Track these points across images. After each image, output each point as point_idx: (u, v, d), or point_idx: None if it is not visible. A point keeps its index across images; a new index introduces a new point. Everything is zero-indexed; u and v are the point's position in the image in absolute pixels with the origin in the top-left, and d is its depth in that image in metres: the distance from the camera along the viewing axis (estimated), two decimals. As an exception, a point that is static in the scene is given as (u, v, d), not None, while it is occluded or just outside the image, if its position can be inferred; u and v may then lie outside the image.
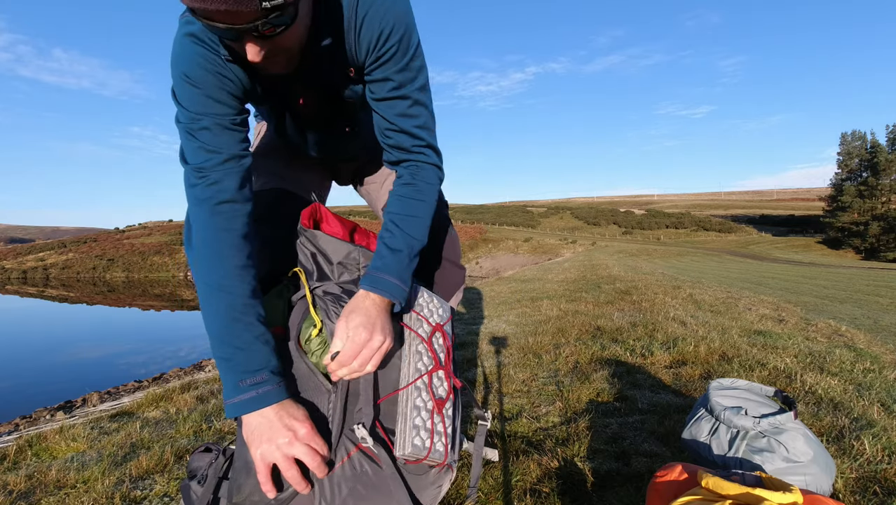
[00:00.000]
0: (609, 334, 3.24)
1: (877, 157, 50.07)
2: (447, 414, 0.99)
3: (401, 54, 0.98)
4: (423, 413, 0.93)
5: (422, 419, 0.92)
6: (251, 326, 0.89)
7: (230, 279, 0.90)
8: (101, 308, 19.64)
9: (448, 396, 1.00)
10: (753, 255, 34.78)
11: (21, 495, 1.34)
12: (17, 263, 40.55)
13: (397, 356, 0.98)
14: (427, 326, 1.02)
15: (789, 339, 2.99)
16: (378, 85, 1.01)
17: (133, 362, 8.09)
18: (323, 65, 1.00)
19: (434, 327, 1.03)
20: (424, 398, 0.94)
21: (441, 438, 0.94)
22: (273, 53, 0.86)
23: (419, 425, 0.91)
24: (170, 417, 2.03)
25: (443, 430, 0.95)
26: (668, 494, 0.82)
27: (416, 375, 0.94)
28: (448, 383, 1.01)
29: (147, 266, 39.27)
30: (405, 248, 1.00)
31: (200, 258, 0.92)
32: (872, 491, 1.13)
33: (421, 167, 1.08)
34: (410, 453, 0.88)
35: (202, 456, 0.98)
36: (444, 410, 0.97)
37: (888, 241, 45.66)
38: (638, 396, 1.94)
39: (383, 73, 0.99)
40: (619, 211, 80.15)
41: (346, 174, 1.46)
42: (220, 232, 0.91)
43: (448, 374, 1.02)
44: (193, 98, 0.92)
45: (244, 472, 0.86)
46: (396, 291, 0.96)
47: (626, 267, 11.78)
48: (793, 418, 1.11)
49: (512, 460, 1.40)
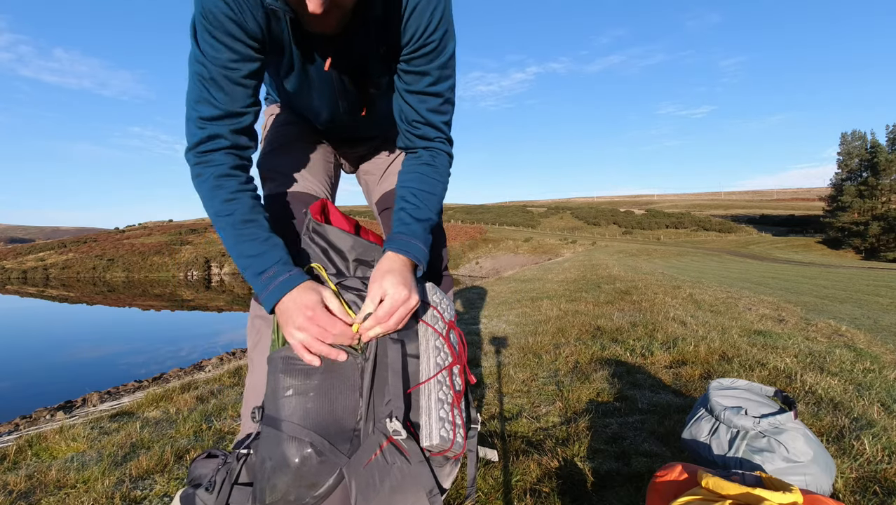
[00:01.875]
0: (609, 334, 3.24)
1: (877, 157, 50.07)
2: (462, 407, 1.02)
3: (440, 50, 1.02)
4: (446, 406, 0.95)
5: (445, 411, 0.94)
6: (255, 236, 0.95)
7: (227, 204, 0.96)
8: (101, 308, 19.65)
9: (463, 389, 1.03)
10: (753, 255, 34.77)
11: (21, 495, 1.34)
12: (17, 263, 40.56)
13: (414, 350, 0.99)
14: (442, 323, 1.03)
15: (789, 339, 2.99)
16: (414, 77, 1.05)
17: (133, 362, 8.10)
18: (363, 35, 1.02)
19: (448, 324, 1.05)
20: (446, 391, 0.97)
21: (459, 429, 0.97)
22: (332, 6, 0.88)
23: (443, 417, 0.93)
24: (170, 417, 2.03)
25: (461, 422, 0.98)
26: (668, 494, 0.82)
27: (436, 369, 0.96)
28: (462, 378, 1.04)
29: (147, 266, 39.28)
30: (426, 219, 1.06)
31: (201, 195, 0.99)
32: (872, 491, 1.13)
33: (439, 154, 1.14)
34: (437, 445, 0.90)
35: (206, 463, 0.97)
36: (460, 403, 1.00)
37: (888, 241, 45.66)
38: (638, 396, 1.94)
39: (423, 67, 1.03)
40: (619, 211, 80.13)
41: (353, 160, 1.46)
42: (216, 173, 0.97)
43: (463, 368, 1.05)
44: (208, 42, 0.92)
45: (278, 470, 0.85)
46: (422, 255, 1.01)
47: (626, 267, 11.79)
48: (793, 418, 1.11)
49: (512, 460, 1.40)
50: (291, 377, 0.89)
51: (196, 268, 39.32)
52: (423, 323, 1.00)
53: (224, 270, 39.49)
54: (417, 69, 1.04)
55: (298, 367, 0.90)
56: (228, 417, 1.96)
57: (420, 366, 0.97)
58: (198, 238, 45.92)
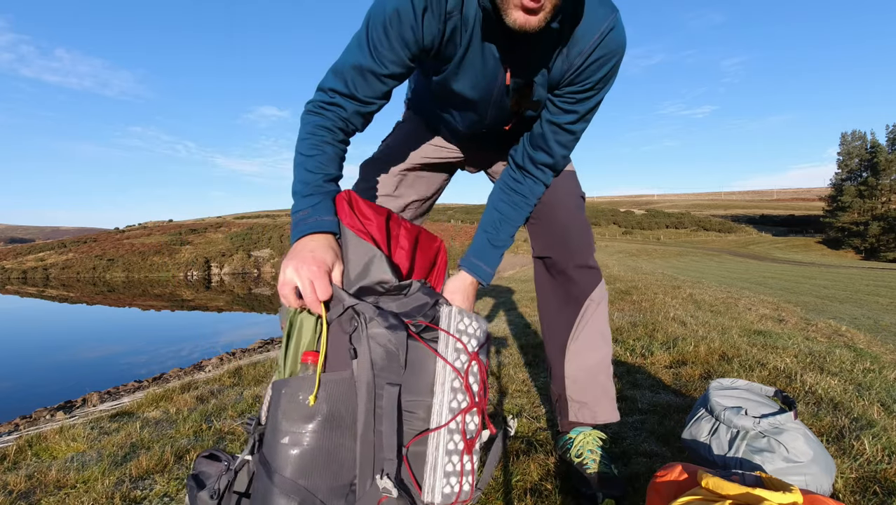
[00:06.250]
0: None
1: (877, 157, 50.07)
2: (475, 450, 0.93)
3: (595, 97, 1.08)
4: (454, 457, 0.88)
5: (452, 464, 0.87)
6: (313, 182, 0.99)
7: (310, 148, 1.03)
8: (101, 308, 19.65)
9: (478, 432, 0.94)
10: (753, 255, 34.76)
11: (21, 495, 1.34)
12: (17, 262, 40.56)
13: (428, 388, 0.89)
14: (465, 356, 0.93)
15: (789, 339, 2.99)
16: (560, 111, 1.11)
17: (133, 362, 8.09)
18: (541, 50, 1.02)
19: (471, 356, 0.94)
20: (456, 440, 0.89)
21: (468, 476, 0.89)
22: None
23: (450, 472, 0.86)
24: (170, 417, 2.03)
25: (471, 468, 0.90)
26: (668, 494, 0.82)
27: (449, 416, 0.88)
28: (480, 419, 0.94)
29: (147, 266, 39.27)
30: (501, 246, 1.22)
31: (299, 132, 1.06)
32: (872, 491, 1.13)
33: (538, 185, 1.22)
34: (440, 503, 0.85)
35: (209, 463, 0.93)
36: (472, 451, 0.91)
37: (888, 242, 45.66)
38: (638, 396, 1.94)
39: (572, 106, 1.09)
40: (619, 211, 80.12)
41: (478, 163, 1.46)
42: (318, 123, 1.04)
43: (481, 410, 0.95)
44: (379, 37, 0.98)
45: None
46: (487, 277, 1.19)
47: (626, 267, 11.79)
48: (793, 418, 1.11)
49: (512, 460, 1.40)
50: (289, 422, 0.82)
51: (196, 268, 39.33)
52: (440, 360, 0.90)
53: (224, 270, 39.51)
54: (566, 106, 1.09)
55: (297, 409, 0.82)
56: (228, 417, 1.96)
57: (432, 411, 0.89)
58: (198, 238, 45.93)
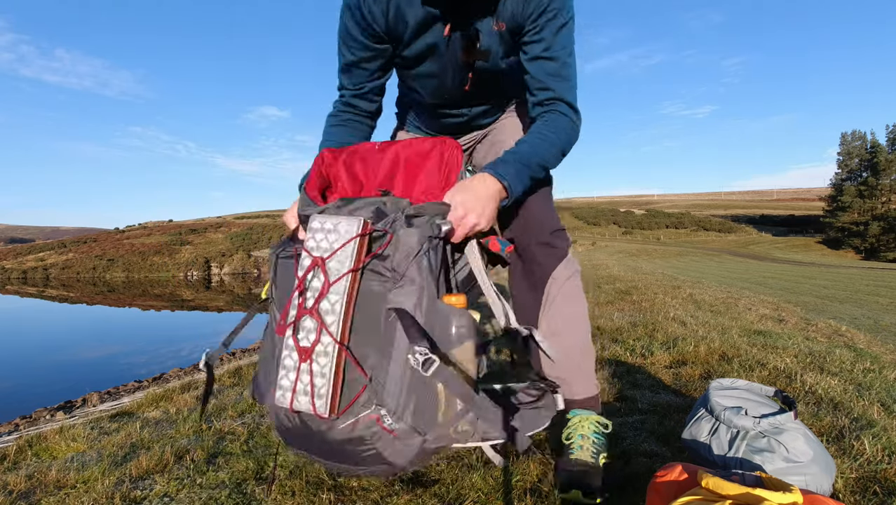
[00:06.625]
0: (609, 334, 3.24)
1: (877, 157, 50.09)
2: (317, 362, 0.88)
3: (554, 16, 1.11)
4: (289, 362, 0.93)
5: (289, 379, 0.92)
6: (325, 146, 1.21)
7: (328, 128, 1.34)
8: (101, 308, 19.65)
9: (314, 343, 0.87)
10: (753, 255, 34.77)
11: (21, 495, 1.34)
12: (17, 262, 40.57)
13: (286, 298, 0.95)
14: (308, 262, 0.90)
15: (789, 339, 2.99)
16: (531, 45, 1.15)
17: (133, 362, 8.10)
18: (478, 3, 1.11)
19: (313, 261, 0.89)
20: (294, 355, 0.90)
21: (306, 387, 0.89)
22: None
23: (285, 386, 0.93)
24: (170, 417, 2.03)
25: (309, 380, 0.87)
26: (668, 494, 0.82)
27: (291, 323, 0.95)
28: (317, 327, 0.88)
29: (147, 266, 39.27)
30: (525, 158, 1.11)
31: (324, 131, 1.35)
32: (872, 491, 1.13)
33: (554, 114, 1.19)
34: None
35: None
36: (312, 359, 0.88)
37: (888, 242, 45.66)
38: (638, 396, 1.93)
39: (539, 35, 1.13)
40: (619, 211, 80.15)
41: None
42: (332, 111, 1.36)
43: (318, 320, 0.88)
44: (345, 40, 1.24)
45: None
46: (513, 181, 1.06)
47: (626, 267, 11.79)
48: (793, 418, 1.11)
49: (512, 460, 1.40)
50: None
51: (196, 268, 39.31)
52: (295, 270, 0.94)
53: (224, 270, 39.50)
54: (534, 38, 1.13)
55: None
56: (228, 417, 1.96)
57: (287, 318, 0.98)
58: (198, 238, 45.92)
